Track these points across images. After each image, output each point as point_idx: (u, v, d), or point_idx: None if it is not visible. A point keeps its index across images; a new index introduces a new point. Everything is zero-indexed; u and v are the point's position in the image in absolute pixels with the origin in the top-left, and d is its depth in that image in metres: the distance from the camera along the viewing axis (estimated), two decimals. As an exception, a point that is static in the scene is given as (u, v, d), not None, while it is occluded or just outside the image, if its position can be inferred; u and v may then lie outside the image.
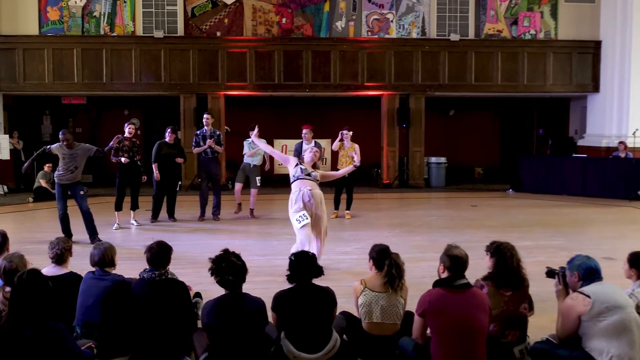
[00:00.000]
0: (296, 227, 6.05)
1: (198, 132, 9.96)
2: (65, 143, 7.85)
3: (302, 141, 9.73)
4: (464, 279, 3.54)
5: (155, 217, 9.64)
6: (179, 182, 10.54)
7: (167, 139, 9.65)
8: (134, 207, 9.35)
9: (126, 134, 9.05)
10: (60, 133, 8.00)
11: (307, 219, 5.98)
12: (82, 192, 7.97)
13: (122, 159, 8.92)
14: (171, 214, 9.80)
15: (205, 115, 9.95)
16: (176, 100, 14.15)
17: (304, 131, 9.72)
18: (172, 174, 9.75)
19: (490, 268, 3.88)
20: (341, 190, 10.02)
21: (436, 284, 3.59)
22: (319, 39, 14.32)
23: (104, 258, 4.04)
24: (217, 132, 9.96)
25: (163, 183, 9.56)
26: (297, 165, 6.32)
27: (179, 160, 9.67)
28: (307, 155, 6.50)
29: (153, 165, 9.50)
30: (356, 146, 9.82)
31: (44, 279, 3.36)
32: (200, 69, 13.97)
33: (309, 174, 6.24)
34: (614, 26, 14.11)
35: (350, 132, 9.89)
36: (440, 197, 13.41)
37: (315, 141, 9.76)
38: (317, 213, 6.13)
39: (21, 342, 3.13)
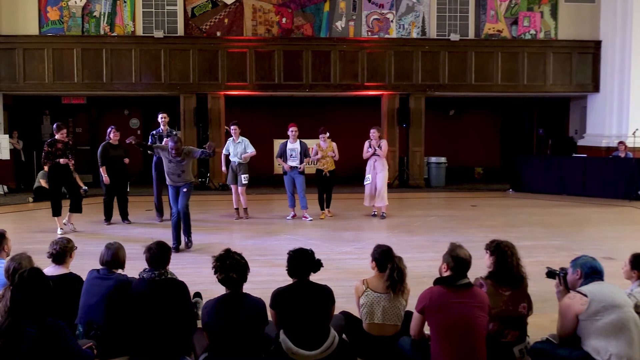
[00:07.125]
0: None
1: (154, 131, 9.55)
2: (174, 152, 7.29)
3: (287, 140, 9.76)
4: (466, 279, 3.56)
5: (108, 219, 9.39)
6: (128, 183, 10.21)
7: (111, 140, 9.29)
8: (75, 209, 8.85)
9: (57, 137, 8.64)
10: (170, 140, 7.35)
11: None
12: (184, 190, 7.50)
13: (61, 161, 8.58)
14: (124, 217, 9.48)
15: (160, 115, 9.61)
16: (176, 100, 14.15)
17: (290, 129, 9.71)
18: (121, 175, 9.43)
19: (489, 267, 3.88)
20: (323, 191, 10.06)
21: (437, 281, 3.60)
22: (319, 39, 14.33)
23: (115, 259, 4.04)
24: (175, 132, 9.69)
25: (112, 186, 9.26)
26: None
27: (126, 160, 9.38)
28: None
29: (101, 169, 9.21)
30: (334, 144, 9.89)
31: (44, 277, 3.36)
32: (200, 69, 13.97)
33: None
34: (614, 26, 14.11)
35: (327, 134, 9.91)
36: (440, 197, 13.40)
37: (300, 141, 9.76)
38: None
39: (23, 341, 3.13)
